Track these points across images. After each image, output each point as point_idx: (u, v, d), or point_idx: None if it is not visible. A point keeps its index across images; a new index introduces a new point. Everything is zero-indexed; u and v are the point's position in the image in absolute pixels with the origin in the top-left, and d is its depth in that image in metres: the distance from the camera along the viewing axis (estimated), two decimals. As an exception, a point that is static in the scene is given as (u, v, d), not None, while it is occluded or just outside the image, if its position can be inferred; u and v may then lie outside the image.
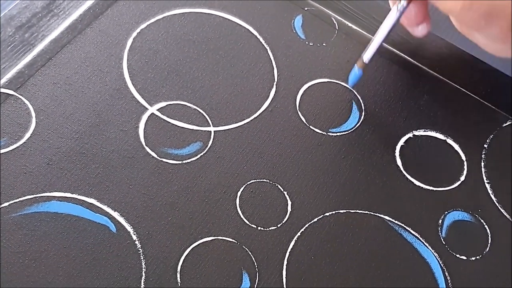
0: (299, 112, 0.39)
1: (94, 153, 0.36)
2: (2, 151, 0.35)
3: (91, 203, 0.34)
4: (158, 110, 0.38)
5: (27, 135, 0.36)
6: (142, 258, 0.34)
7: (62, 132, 0.36)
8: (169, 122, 0.37)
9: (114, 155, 0.36)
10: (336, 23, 0.42)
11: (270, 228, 0.35)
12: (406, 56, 0.42)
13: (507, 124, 0.40)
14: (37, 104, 0.37)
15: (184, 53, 0.40)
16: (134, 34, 0.40)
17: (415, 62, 0.42)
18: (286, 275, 0.34)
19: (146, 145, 0.36)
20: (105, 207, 0.34)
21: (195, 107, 0.38)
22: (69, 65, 0.38)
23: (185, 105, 0.38)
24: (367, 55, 0.38)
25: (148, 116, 0.37)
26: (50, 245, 0.33)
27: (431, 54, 0.43)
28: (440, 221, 0.37)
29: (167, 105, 0.38)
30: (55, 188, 0.34)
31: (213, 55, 0.40)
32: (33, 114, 0.36)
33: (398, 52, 0.42)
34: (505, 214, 0.38)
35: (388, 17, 0.38)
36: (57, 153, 0.35)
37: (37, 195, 0.34)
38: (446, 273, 0.36)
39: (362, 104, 0.40)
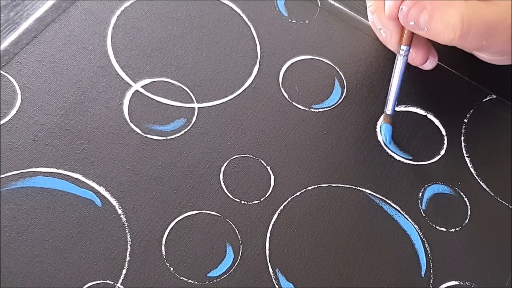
0: (282, 89, 0.40)
1: (79, 129, 0.36)
2: (-12, 128, 0.35)
3: (76, 178, 0.35)
4: (142, 87, 0.38)
5: (13, 112, 0.36)
6: (127, 231, 0.34)
7: (47, 109, 0.36)
8: (153, 99, 0.38)
9: (99, 131, 0.36)
10: (318, 0, 0.43)
11: (253, 202, 0.36)
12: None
13: (487, 99, 0.41)
14: (22, 82, 0.37)
15: (168, 31, 0.40)
16: (118, 12, 0.40)
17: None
18: (269, 247, 0.35)
19: (130, 121, 0.37)
20: (90, 182, 0.35)
21: (179, 84, 0.39)
22: (54, 43, 0.39)
23: (169, 82, 0.38)
24: (388, 107, 0.38)
25: (133, 93, 0.38)
26: (36, 219, 0.33)
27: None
28: (420, 194, 0.38)
29: (151, 82, 0.38)
30: (41, 163, 0.35)
31: (197, 32, 0.40)
32: (19, 92, 0.37)
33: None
34: (484, 187, 0.38)
35: (396, 64, 0.38)
36: (42, 130, 0.36)
37: (23, 171, 0.35)
38: (425, 244, 0.36)
39: (344, 81, 0.41)
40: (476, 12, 0.34)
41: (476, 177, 0.39)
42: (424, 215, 0.37)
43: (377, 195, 0.37)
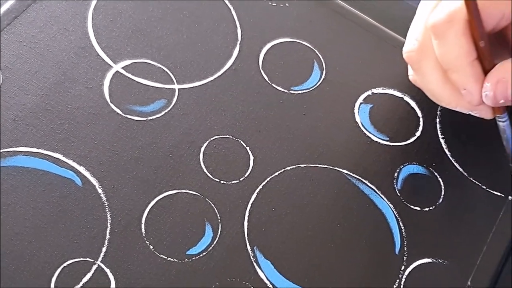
0: (262, 71, 0.40)
1: (60, 110, 0.36)
2: (-32, 107, 0.36)
3: (57, 158, 0.35)
4: (122, 68, 0.38)
5: (-7, 92, 0.36)
6: (107, 210, 0.35)
7: (28, 89, 0.37)
8: (134, 80, 0.38)
9: (79, 111, 0.37)
10: (299, -16, 0.43)
11: (233, 182, 0.37)
12: (369, 18, 0.43)
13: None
14: (3, 62, 0.37)
15: (149, 12, 0.40)
16: (99, -7, 0.40)
17: (378, 24, 0.43)
18: (247, 226, 0.36)
19: (111, 102, 0.37)
20: (70, 162, 0.35)
21: (159, 65, 0.39)
22: (35, 23, 0.39)
23: (150, 63, 0.39)
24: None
25: (113, 74, 0.38)
26: (17, 198, 0.34)
27: (394, 16, 0.44)
28: (395, 174, 0.39)
29: (131, 63, 0.39)
30: (21, 143, 0.35)
31: (178, 14, 0.41)
32: (-1, 72, 0.37)
33: (361, 14, 0.43)
34: (458, 167, 0.39)
35: (506, 131, 0.36)
36: (23, 110, 0.36)
37: (3, 150, 0.35)
38: (400, 223, 0.37)
39: (323, 63, 0.41)
40: None
41: (451, 158, 0.40)
42: (399, 194, 0.38)
43: (354, 175, 0.38)
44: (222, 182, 0.37)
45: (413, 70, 0.37)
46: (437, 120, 0.41)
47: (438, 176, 0.39)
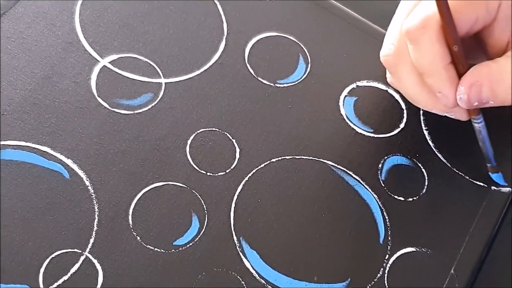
0: (247, 65, 0.41)
1: (47, 104, 0.37)
2: (-44, 102, 0.36)
3: (44, 151, 0.36)
4: (109, 62, 0.39)
5: (-19, 87, 0.37)
6: (95, 202, 0.35)
7: (16, 84, 0.37)
8: (121, 74, 0.39)
9: (67, 105, 0.37)
10: (284, -21, 0.44)
11: (219, 174, 0.37)
12: (354, 13, 0.44)
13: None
14: (-10, 57, 0.38)
15: (135, 7, 0.41)
16: (86, -11, 0.41)
17: (363, 18, 0.44)
18: (233, 216, 0.36)
19: (98, 96, 0.38)
20: (58, 155, 0.36)
21: (146, 59, 0.39)
22: (23, 19, 0.39)
23: (136, 57, 0.39)
24: (491, 162, 0.39)
25: (100, 68, 0.39)
26: (5, 191, 0.34)
27: (379, 10, 0.45)
28: (380, 165, 0.39)
29: (118, 57, 0.39)
30: (10, 137, 0.36)
31: (164, 9, 0.41)
32: (-13, 67, 0.37)
33: (346, 8, 0.44)
34: (442, 158, 0.40)
35: (481, 132, 0.37)
36: (11, 104, 0.37)
37: (-9, 144, 0.35)
38: (384, 213, 0.38)
39: (309, 57, 0.42)
40: None
41: (434, 149, 0.40)
42: (383, 185, 0.39)
43: (339, 166, 0.39)
44: (208, 174, 0.37)
45: (390, 73, 0.38)
46: (421, 112, 0.41)
47: (421, 167, 0.40)
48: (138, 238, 0.35)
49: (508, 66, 0.33)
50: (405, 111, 0.41)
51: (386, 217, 0.38)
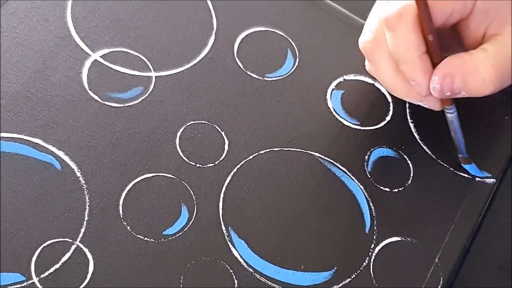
0: (236, 59, 0.41)
1: (40, 97, 0.38)
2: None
3: (36, 143, 0.37)
4: (101, 56, 0.40)
5: (-26, 80, 0.37)
6: (86, 193, 0.36)
7: (9, 78, 0.38)
8: (112, 68, 0.39)
9: (59, 98, 0.38)
10: (273, -25, 0.45)
11: (208, 165, 0.38)
12: (341, 8, 0.45)
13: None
14: (-17, 52, 0.38)
15: (126, 3, 0.41)
16: (78, -15, 0.41)
17: (349, 12, 0.45)
18: (222, 207, 0.37)
19: (89, 89, 0.39)
20: (50, 147, 0.37)
21: (136, 53, 0.40)
22: (15, 15, 0.40)
23: (127, 52, 0.40)
24: (462, 153, 0.40)
25: (91, 62, 0.39)
26: (-2, 182, 0.35)
27: (365, 6, 0.45)
28: (366, 157, 0.40)
29: (109, 52, 0.40)
30: (3, 129, 0.36)
31: (155, 5, 0.42)
32: (-20, 61, 0.38)
33: (333, 3, 0.44)
34: (427, 150, 0.41)
35: (453, 122, 0.38)
36: (4, 97, 0.37)
37: (-16, 136, 0.36)
38: (370, 203, 0.39)
39: (297, 51, 0.43)
40: (502, 56, 0.34)
41: (419, 142, 0.41)
42: (369, 176, 0.40)
43: (326, 158, 0.40)
44: (197, 165, 0.38)
45: (368, 60, 0.39)
46: (407, 104, 0.42)
47: (407, 159, 0.40)
48: (129, 227, 0.36)
49: (481, 59, 0.34)
50: (391, 104, 0.42)
51: (372, 208, 0.39)
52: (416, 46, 0.33)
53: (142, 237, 0.35)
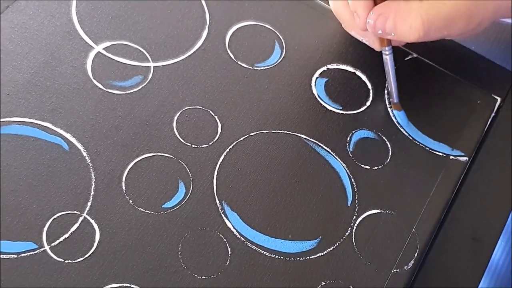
0: (228, 50, 0.45)
1: (48, 85, 0.41)
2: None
3: (46, 126, 0.40)
4: (103, 49, 0.43)
5: (-11, 71, 0.41)
6: (91, 170, 0.39)
7: (20, 68, 0.41)
8: (114, 59, 0.43)
9: (66, 86, 0.42)
10: (261, -26, 0.48)
11: (203, 146, 0.42)
12: (322, 2, 0.48)
13: (408, 58, 0.47)
14: (-4, 45, 0.42)
15: (126, 0, 0.45)
16: (82, -16, 0.45)
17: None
18: (216, 183, 0.41)
19: (93, 78, 0.42)
20: (58, 130, 0.40)
21: (136, 46, 0.44)
22: (25, 11, 0.44)
23: (128, 44, 0.44)
24: (394, 98, 0.44)
25: (95, 54, 0.43)
26: (12, 161, 0.39)
27: None
28: (348, 138, 0.44)
29: (111, 44, 0.44)
30: (15, 114, 0.40)
31: (152, 2, 0.46)
32: (-7, 54, 0.42)
33: None
34: (404, 132, 0.44)
35: (388, 63, 0.42)
36: (16, 86, 0.41)
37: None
38: (352, 180, 0.42)
39: (283, 43, 0.46)
40: (433, 11, 0.38)
41: (397, 124, 0.45)
42: (351, 155, 0.43)
43: (311, 139, 0.43)
44: (193, 146, 0.41)
45: None
46: (386, 91, 0.46)
47: (386, 140, 0.44)
48: (131, 201, 0.39)
49: (414, 8, 0.38)
50: (371, 91, 0.46)
51: (354, 183, 0.42)
52: None
53: (143, 210, 0.39)
